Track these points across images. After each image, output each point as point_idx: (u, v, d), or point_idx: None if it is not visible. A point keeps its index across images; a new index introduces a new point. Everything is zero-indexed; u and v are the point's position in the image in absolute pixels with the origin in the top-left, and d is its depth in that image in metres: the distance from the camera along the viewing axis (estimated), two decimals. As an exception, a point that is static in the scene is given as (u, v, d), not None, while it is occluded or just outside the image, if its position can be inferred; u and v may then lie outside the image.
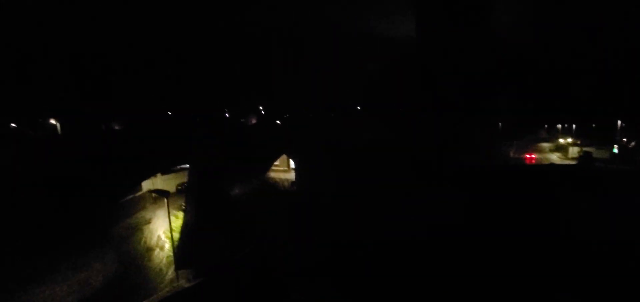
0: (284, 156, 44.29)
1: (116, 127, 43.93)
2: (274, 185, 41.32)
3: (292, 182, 40.67)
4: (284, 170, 45.98)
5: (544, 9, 52.74)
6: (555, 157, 46.92)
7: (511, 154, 48.87)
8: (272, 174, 42.78)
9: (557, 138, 53.81)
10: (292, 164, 45.15)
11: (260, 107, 54.31)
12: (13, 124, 37.12)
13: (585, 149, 45.43)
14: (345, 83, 55.77)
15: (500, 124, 52.22)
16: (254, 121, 52.10)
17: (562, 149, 49.89)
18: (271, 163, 40.77)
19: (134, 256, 23.37)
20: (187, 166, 36.96)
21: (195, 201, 26.51)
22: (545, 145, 54.61)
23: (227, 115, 51.60)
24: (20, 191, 17.10)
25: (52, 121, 40.69)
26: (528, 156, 45.87)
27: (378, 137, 41.23)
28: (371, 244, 20.55)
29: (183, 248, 23.42)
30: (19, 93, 32.46)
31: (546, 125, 59.36)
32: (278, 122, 49.85)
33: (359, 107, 54.13)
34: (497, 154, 46.81)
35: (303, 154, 39.53)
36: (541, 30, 54.12)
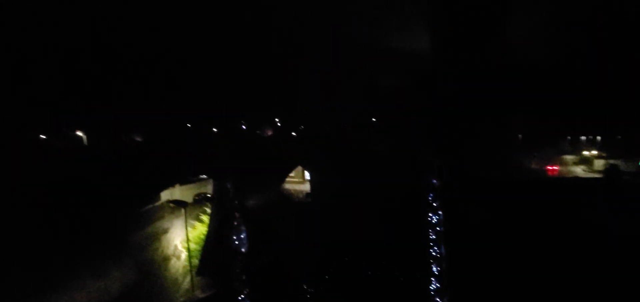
0: (299, 167, 44.58)
1: (137, 139, 45.52)
2: (289, 196, 41.59)
3: (307, 194, 40.79)
4: (299, 181, 46.22)
5: (567, 18, 51.50)
6: (579, 170, 45.12)
7: (532, 166, 47.37)
8: (287, 185, 43.06)
9: (581, 150, 51.72)
10: (307, 175, 45.36)
11: (276, 119, 55.04)
12: (43, 136, 39.04)
13: (611, 161, 43.52)
14: (360, 95, 55.86)
15: (520, 135, 50.80)
16: (269, 133, 52.77)
17: (587, 161, 47.91)
18: (286, 174, 41.08)
19: (152, 264, 23.91)
20: (205, 176, 37.83)
21: (216, 211, 27.09)
22: (569, 157, 52.55)
23: (243, 126, 52.59)
24: (45, 199, 17.94)
25: (79, 133, 42.64)
26: (550, 167, 44.31)
27: (393, 149, 40.94)
28: (384, 255, 20.29)
29: (204, 255, 23.88)
30: (48, 106, 34.24)
31: (569, 137, 57.31)
32: (293, 133, 50.32)
33: (374, 119, 53.97)
34: (517, 166, 45.48)
35: (318, 165, 39.69)
36: (562, 39, 52.79)
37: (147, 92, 43.74)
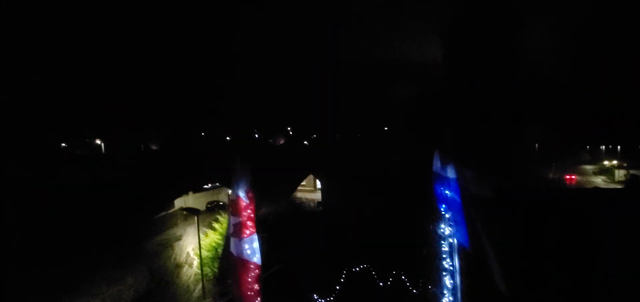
0: (311, 176, 44.63)
1: (153, 147, 46.62)
2: (301, 205, 41.62)
3: (319, 203, 40.73)
4: (311, 190, 46.24)
5: (585, 28, 50.44)
6: (599, 181, 43.80)
7: (550, 176, 46.22)
8: (299, 194, 43.13)
9: (601, 160, 50.27)
10: (318, 184, 45.37)
11: (289, 128, 55.51)
12: (63, 144, 40.43)
13: (632, 171, 42.12)
14: (373, 105, 55.83)
15: (536, 145, 49.69)
16: (281, 141, 53.22)
17: (607, 171, 46.52)
18: (298, 183, 41.21)
19: (164, 272, 24.21)
20: (218, 184, 38.29)
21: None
22: (588, 167, 51.10)
23: (256, 135, 53.18)
24: (63, 205, 18.47)
25: (97, 141, 44.01)
26: (568, 176, 43.18)
27: (405, 158, 40.60)
28: (396, 266, 19.99)
29: (222, 263, 24.09)
30: (69, 115, 35.49)
31: (588, 147, 55.65)
32: (305, 142, 50.59)
33: (386, 128, 53.81)
34: (534, 177, 44.38)
35: (329, 174, 39.67)
36: (580, 48, 51.66)
37: (163, 102, 44.84)
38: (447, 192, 7.10)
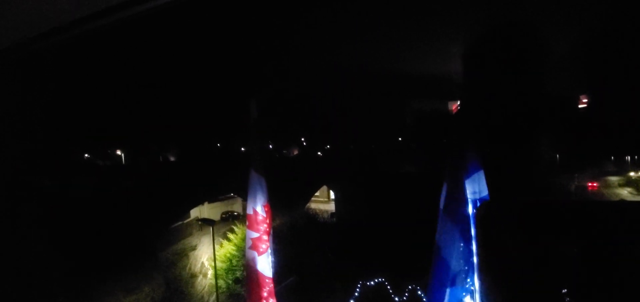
0: (324, 187, 44.57)
1: (171, 158, 47.71)
2: (314, 216, 41.50)
3: (332, 214, 40.52)
4: (324, 201, 46.10)
5: (607, 36, 49.01)
6: (625, 193, 41.95)
7: (572, 188, 44.54)
8: (312, 205, 43.05)
9: (627, 171, 48.14)
10: (332, 195, 45.23)
11: (302, 139, 55.72)
12: (86, 154, 41.85)
13: (662, 183, 40.17)
14: (387, 116, 55.52)
15: (557, 156, 48.07)
16: (295, 152, 53.45)
17: (634, 183, 44.52)
18: (312, 194, 41.19)
19: (180, 281, 24.51)
20: (232, 194, 38.71)
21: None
22: (614, 179, 49.00)
23: (270, 145, 53.66)
24: (85, 214, 19.06)
25: (118, 152, 45.38)
26: (590, 183, 41.78)
27: (420, 170, 40.05)
28: (412, 281, 19.59)
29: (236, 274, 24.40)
30: (92, 127, 36.78)
31: (613, 157, 53.51)
32: (319, 153, 50.69)
33: (400, 139, 53.29)
34: (555, 189, 42.88)
35: (343, 185, 39.52)
36: (602, 54, 50.13)
37: (179, 114, 45.98)
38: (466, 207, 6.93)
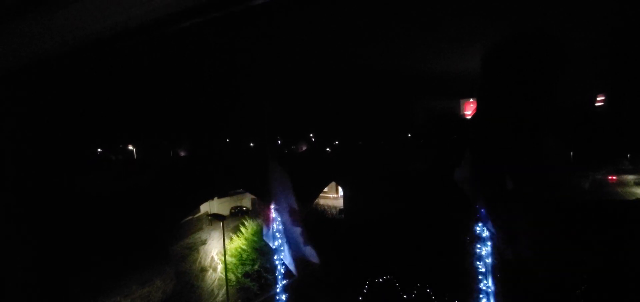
0: (333, 183, 44.54)
1: (181, 153, 48.32)
2: (323, 212, 41.56)
3: (340, 210, 40.50)
4: (333, 197, 46.10)
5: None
6: (643, 192, 40.77)
7: (587, 186, 43.62)
8: (321, 201, 43.11)
9: (645, 169, 46.83)
10: (340, 191, 45.19)
11: (311, 135, 55.74)
12: (99, 149, 42.69)
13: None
14: (396, 112, 55.04)
15: (571, 153, 47.02)
16: (304, 148, 53.53)
17: (652, 182, 43.29)
18: (320, 190, 41.22)
19: (190, 275, 24.88)
20: (241, 190, 38.99)
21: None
22: (630, 177, 47.72)
23: (279, 142, 53.81)
24: (99, 209, 19.46)
25: (130, 147, 46.17)
26: (610, 177, 41.29)
27: (429, 167, 39.65)
28: (421, 280, 19.49)
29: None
30: (106, 122, 37.46)
31: (629, 155, 52.02)
32: (328, 149, 50.61)
33: (409, 136, 52.83)
34: (569, 187, 42.00)
35: (352, 182, 39.43)
36: (616, 49, 48.66)
37: (190, 111, 46.45)
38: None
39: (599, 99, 50.11)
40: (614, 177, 40.95)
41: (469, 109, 52.41)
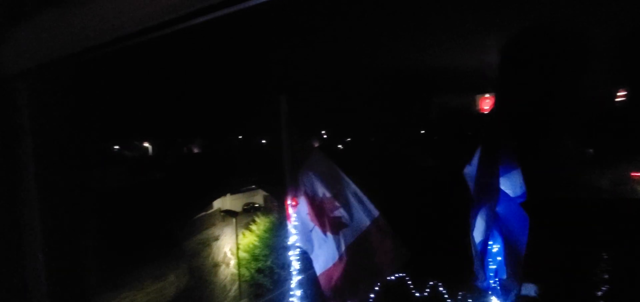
0: (345, 180, 44.39)
1: (195, 150, 49.04)
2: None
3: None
4: (345, 194, 45.95)
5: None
6: (667, 191, 39.18)
7: (606, 185, 42.20)
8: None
9: (670, 168, 45.03)
10: (352, 188, 45.01)
11: (323, 132, 55.72)
12: (116, 146, 43.69)
13: None
14: (409, 108, 54.42)
15: (591, 150, 45.61)
16: (316, 145, 53.56)
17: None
18: (331, 187, 41.14)
19: (203, 270, 25.23)
20: (253, 186, 39.33)
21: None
22: (651, 176, 46.03)
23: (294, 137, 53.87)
24: (114, 204, 19.90)
25: (146, 144, 47.10)
26: (633, 173, 39.56)
27: (444, 163, 39.11)
28: (433, 277, 19.24)
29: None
30: (122, 120, 38.30)
31: (647, 151, 50.10)
32: (340, 146, 50.52)
33: (423, 132, 52.21)
34: (588, 186, 40.73)
35: (364, 178, 39.22)
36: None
37: (204, 111, 47.04)
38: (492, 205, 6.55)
39: (619, 94, 48.33)
40: (637, 174, 39.29)
41: (486, 105, 51.42)
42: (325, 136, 55.31)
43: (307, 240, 5.58)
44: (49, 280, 1.21)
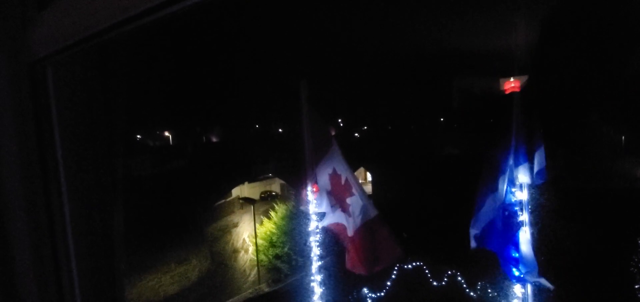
0: (362, 168, 44.27)
1: (214, 139, 50.05)
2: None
3: (369, 195, 40.27)
4: (361, 182, 45.87)
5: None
6: None
7: (639, 175, 40.13)
8: (349, 186, 42.99)
9: None
10: (369, 176, 44.90)
11: (339, 120, 55.48)
12: (138, 136, 45.13)
13: None
14: (428, 95, 53.28)
15: (623, 137, 43.39)
16: (333, 133, 53.44)
17: None
18: (348, 175, 41.10)
19: (223, 255, 25.96)
20: (270, 175, 39.82)
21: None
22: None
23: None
24: (141, 191, 20.68)
25: (166, 133, 48.41)
26: None
27: (463, 152, 38.25)
28: (451, 266, 19.08)
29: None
30: (144, 110, 39.47)
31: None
32: (356, 134, 50.25)
33: (441, 119, 51.12)
34: (620, 175, 38.84)
35: (381, 167, 39.02)
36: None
37: (222, 100, 47.72)
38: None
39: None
40: None
41: (510, 89, 49.45)
42: (341, 124, 55.11)
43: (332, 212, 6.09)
44: (78, 266, 1.27)
